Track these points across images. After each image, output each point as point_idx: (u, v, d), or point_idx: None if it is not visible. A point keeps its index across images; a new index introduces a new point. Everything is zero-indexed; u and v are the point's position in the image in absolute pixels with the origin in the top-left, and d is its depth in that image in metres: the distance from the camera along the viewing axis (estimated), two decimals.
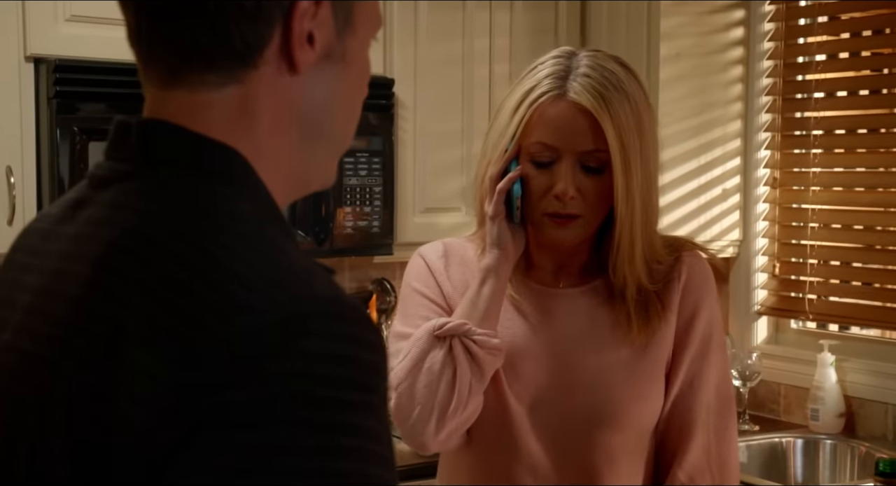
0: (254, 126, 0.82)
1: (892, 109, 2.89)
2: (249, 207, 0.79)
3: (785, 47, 3.09)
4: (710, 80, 3.08)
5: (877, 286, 2.89)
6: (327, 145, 0.87)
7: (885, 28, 2.95)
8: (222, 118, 0.81)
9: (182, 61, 0.81)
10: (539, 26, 3.03)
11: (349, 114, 0.88)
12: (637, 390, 1.53)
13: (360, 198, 2.75)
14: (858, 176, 2.96)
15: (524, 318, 1.55)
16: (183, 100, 0.81)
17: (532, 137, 1.48)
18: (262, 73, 0.81)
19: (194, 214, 0.78)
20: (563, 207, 1.47)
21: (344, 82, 0.85)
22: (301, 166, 0.85)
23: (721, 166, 3.12)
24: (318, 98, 0.83)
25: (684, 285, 1.55)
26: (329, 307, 0.73)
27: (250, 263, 0.74)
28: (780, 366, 3.07)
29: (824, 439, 2.85)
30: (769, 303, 3.15)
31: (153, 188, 0.80)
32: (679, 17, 3.00)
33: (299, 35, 0.81)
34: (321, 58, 0.82)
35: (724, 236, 3.14)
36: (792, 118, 3.10)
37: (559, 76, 1.48)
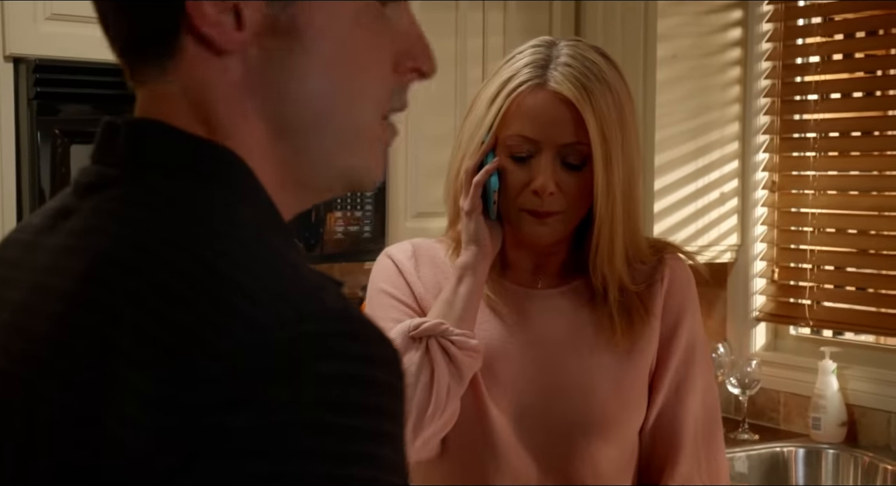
0: (209, 120, 0.74)
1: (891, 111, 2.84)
2: (250, 212, 0.73)
3: (783, 48, 3.03)
4: (708, 81, 3.02)
5: (878, 292, 2.84)
6: (320, 137, 0.76)
7: (878, 29, 2.91)
8: (183, 113, 0.74)
9: (124, 57, 0.76)
10: (533, 26, 2.97)
11: (336, 98, 0.75)
12: (623, 398, 1.48)
13: (350, 202, 2.69)
14: (859, 179, 2.91)
15: (501, 320, 1.49)
16: (145, 96, 0.76)
17: (510, 129, 1.42)
18: (185, 60, 0.73)
19: (190, 219, 0.71)
20: (541, 204, 1.42)
21: (307, 61, 0.73)
22: (290, 165, 0.76)
23: (719, 170, 3.06)
24: (274, 84, 0.73)
25: (667, 288, 1.50)
26: (342, 324, 0.66)
27: (253, 273, 0.67)
28: (780, 373, 3.02)
29: (826, 448, 2.80)
30: (768, 309, 3.09)
31: (144, 193, 0.73)
32: (676, 17, 2.95)
33: (196, 8, 0.71)
34: (263, 33, 0.72)
35: (722, 241, 3.08)
36: (791, 121, 3.04)
37: (539, 65, 1.42)
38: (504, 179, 1.43)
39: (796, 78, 3.02)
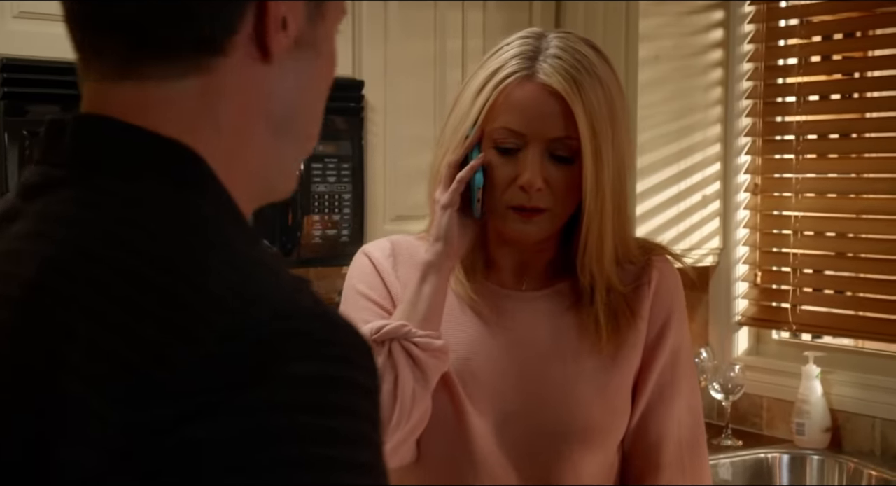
0: (218, 123, 0.72)
1: (874, 114, 2.82)
2: (212, 211, 0.70)
3: (765, 50, 3.00)
4: (690, 83, 2.99)
5: (861, 296, 2.81)
6: (295, 144, 0.79)
7: (856, 31, 2.89)
8: (181, 115, 0.71)
9: (134, 49, 0.71)
10: (513, 26, 2.89)
11: (318, 108, 0.80)
12: (608, 404, 1.43)
13: (328, 205, 2.63)
14: (842, 182, 2.88)
15: (484, 323, 1.45)
16: (132, 94, 0.71)
17: (497, 122, 1.37)
18: (231, 62, 0.72)
19: (144, 221, 0.67)
20: (528, 200, 1.37)
21: (314, 73, 0.78)
22: (268, 169, 0.77)
23: (701, 172, 3.03)
24: (289, 90, 0.76)
25: (655, 290, 1.45)
26: (317, 324, 0.63)
27: (220, 275, 0.64)
28: (763, 378, 2.98)
29: (811, 454, 2.76)
30: (750, 313, 3.06)
31: (92, 195, 0.69)
32: (658, 17, 2.91)
33: (275, 17, 0.73)
34: (292, 46, 0.75)
35: (704, 245, 3.04)
36: (773, 123, 3.01)
37: (528, 57, 1.38)
38: (489, 174, 1.39)
39: (778, 80, 2.99)
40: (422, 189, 2.82)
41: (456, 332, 1.43)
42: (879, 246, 2.79)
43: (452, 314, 1.44)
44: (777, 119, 3.00)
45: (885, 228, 2.77)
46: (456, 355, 1.42)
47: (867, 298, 2.79)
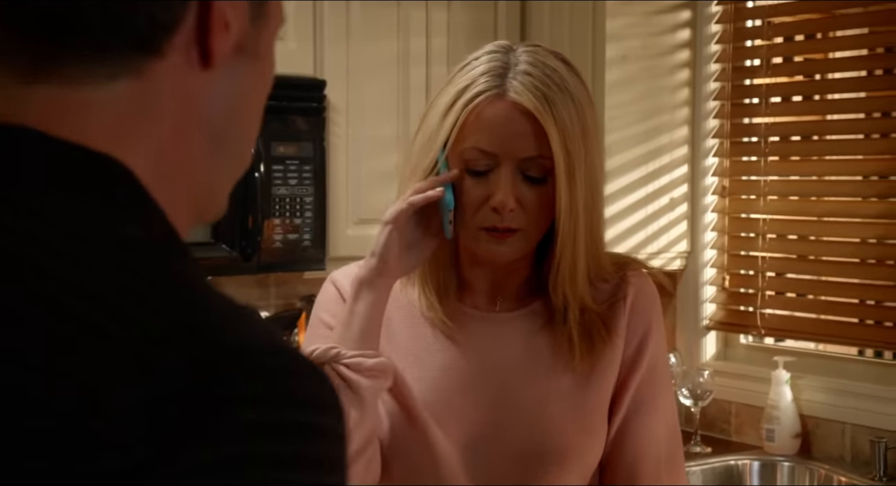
0: (150, 134, 0.64)
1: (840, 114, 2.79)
2: (143, 232, 0.61)
3: (733, 50, 2.96)
4: (657, 83, 2.95)
5: (830, 300, 2.77)
6: (232, 160, 0.71)
7: (816, 33, 2.87)
8: (108, 123, 0.63)
9: (55, 45, 0.62)
10: (478, 26, 2.87)
11: (256, 120, 0.72)
12: (582, 423, 1.39)
13: (289, 209, 2.56)
14: (811, 184, 2.85)
15: (456, 347, 1.40)
16: (50, 99, 0.62)
17: (467, 142, 1.33)
18: (167, 65, 0.64)
19: (65, 245, 0.58)
20: (500, 221, 1.33)
21: (254, 80, 0.71)
22: (204, 186, 0.69)
23: (668, 175, 2.98)
24: (227, 98, 0.68)
25: (631, 307, 1.42)
26: (271, 361, 0.55)
27: (153, 304, 0.55)
28: (731, 383, 2.94)
29: (782, 461, 2.73)
30: (718, 317, 3.02)
31: (5, 216, 0.59)
32: (625, 17, 2.87)
33: (220, 18, 0.65)
34: (233, 50, 0.67)
35: (672, 248, 3.00)
36: (740, 124, 2.97)
37: (497, 74, 1.33)
38: (460, 195, 1.35)
39: (745, 81, 2.96)
40: (386, 192, 2.77)
41: (427, 357, 1.39)
42: (847, 249, 2.76)
43: (423, 339, 1.40)
44: (744, 121, 2.97)
45: (852, 231, 2.75)
46: (425, 383, 1.38)
47: (835, 301, 2.76)
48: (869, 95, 2.77)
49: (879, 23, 2.71)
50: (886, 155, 2.71)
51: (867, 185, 2.74)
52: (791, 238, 2.87)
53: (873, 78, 2.76)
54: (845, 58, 2.84)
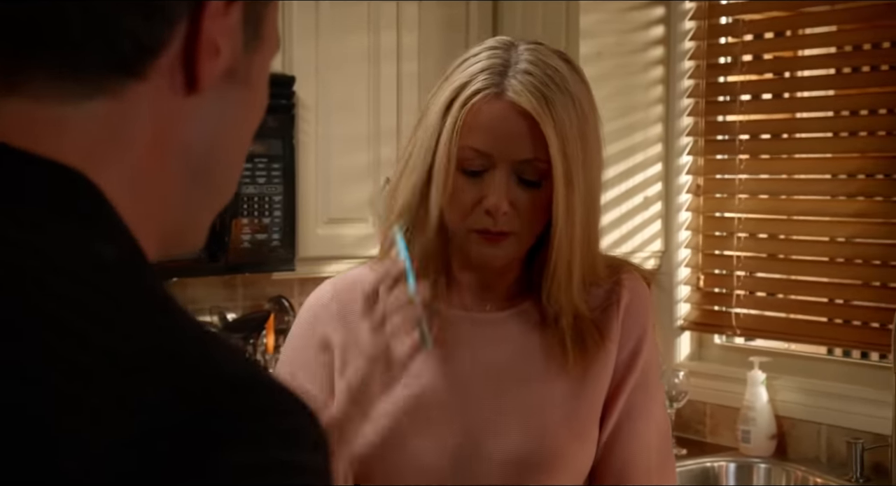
0: (123, 158, 0.60)
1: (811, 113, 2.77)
2: (116, 252, 0.57)
3: (707, 47, 2.93)
4: (631, 81, 2.91)
5: (806, 300, 2.75)
6: (212, 192, 0.66)
7: (785, 30, 2.85)
8: (79, 141, 0.58)
9: (25, 58, 0.57)
10: (449, 21, 2.82)
11: (242, 152, 0.68)
12: (576, 429, 1.35)
13: (258, 208, 2.50)
14: (786, 183, 2.82)
15: (445, 350, 1.36)
16: (18, 113, 0.58)
17: (462, 141, 1.29)
18: (149, 88, 0.59)
19: (29, 263, 0.53)
20: (493, 224, 1.29)
21: (243, 109, 0.66)
22: (179, 216, 0.64)
23: (642, 173, 2.95)
24: (212, 127, 0.64)
25: (624, 311, 1.37)
26: (256, 396, 0.52)
27: (125, 332, 0.51)
28: (705, 384, 2.91)
29: (758, 462, 2.70)
30: (692, 317, 2.99)
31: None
32: (599, 13, 2.83)
33: (209, 40, 0.60)
34: (223, 76, 0.63)
35: (646, 247, 2.97)
36: (715, 122, 2.94)
37: (496, 72, 1.29)
38: (454, 196, 1.30)
39: (720, 78, 2.93)
40: (356, 191, 2.72)
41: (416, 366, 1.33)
42: (820, 248, 2.74)
43: None
44: (719, 118, 2.94)
45: (825, 230, 2.72)
46: (412, 388, 1.34)
47: (809, 301, 2.73)
48: (838, 94, 2.75)
49: (847, 21, 2.69)
50: (854, 153, 2.70)
51: (837, 183, 2.72)
52: (763, 237, 2.85)
53: (842, 76, 2.74)
54: (815, 56, 2.82)
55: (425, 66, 2.71)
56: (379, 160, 2.65)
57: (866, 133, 2.67)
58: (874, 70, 2.68)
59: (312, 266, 2.61)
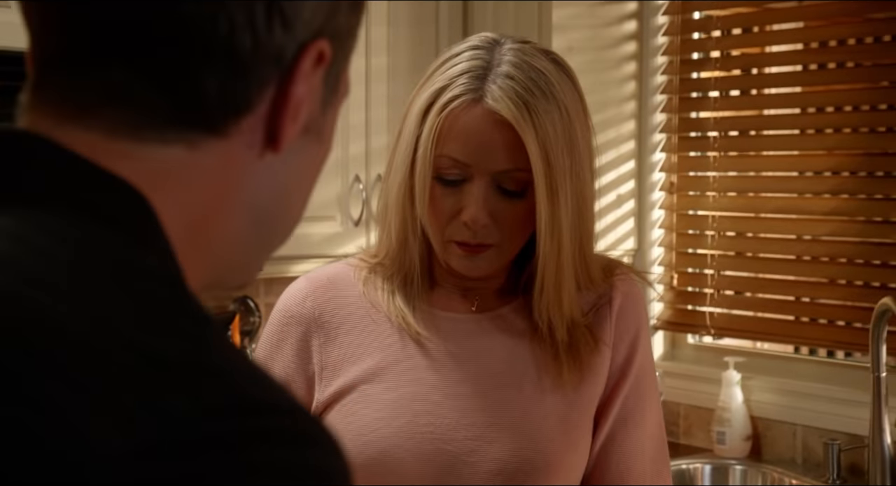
0: (187, 199, 0.60)
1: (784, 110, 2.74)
2: (160, 264, 0.57)
3: (681, 43, 2.89)
4: (604, 76, 2.86)
5: (781, 299, 2.71)
6: (271, 237, 0.67)
7: (753, 26, 2.82)
8: (143, 175, 0.58)
9: (108, 104, 0.58)
10: (419, 15, 2.75)
11: (306, 200, 0.69)
12: (570, 438, 1.29)
13: None
14: (762, 180, 2.78)
15: (431, 355, 1.30)
16: (88, 140, 0.57)
17: (440, 149, 1.23)
18: (229, 145, 0.60)
19: (69, 263, 0.53)
20: (472, 236, 1.24)
21: (313, 162, 0.67)
22: (235, 258, 0.65)
23: (615, 170, 2.90)
24: (283, 182, 0.65)
25: (618, 312, 1.33)
26: (286, 422, 0.50)
27: (175, 344, 0.51)
28: (679, 385, 2.87)
29: (734, 464, 2.66)
30: (666, 317, 2.94)
31: (23, 227, 0.54)
32: (572, 7, 2.78)
33: (296, 104, 0.61)
34: (300, 133, 0.64)
35: (619, 246, 2.92)
36: (688, 119, 2.90)
37: (476, 75, 1.23)
38: (432, 205, 1.25)
39: (693, 74, 2.88)
40: (324, 188, 2.65)
41: (396, 368, 1.28)
42: (794, 247, 2.70)
43: (391, 348, 1.29)
44: (692, 115, 2.89)
45: (798, 228, 2.69)
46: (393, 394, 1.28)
47: (786, 300, 2.70)
48: (805, 91, 2.72)
49: (813, 17, 2.66)
50: (821, 151, 2.67)
51: (805, 181, 2.69)
52: (743, 235, 2.80)
53: (808, 73, 2.71)
54: (782, 52, 2.80)
55: (395, 61, 2.65)
56: (348, 156, 2.58)
57: (833, 130, 2.65)
58: (840, 67, 2.65)
59: (279, 266, 2.53)
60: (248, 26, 0.57)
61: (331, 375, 1.30)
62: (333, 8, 0.62)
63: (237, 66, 0.58)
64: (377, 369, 1.29)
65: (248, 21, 0.57)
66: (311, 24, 0.60)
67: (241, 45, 0.58)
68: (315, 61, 0.61)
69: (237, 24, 0.57)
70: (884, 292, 2.45)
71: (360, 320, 1.31)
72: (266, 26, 0.58)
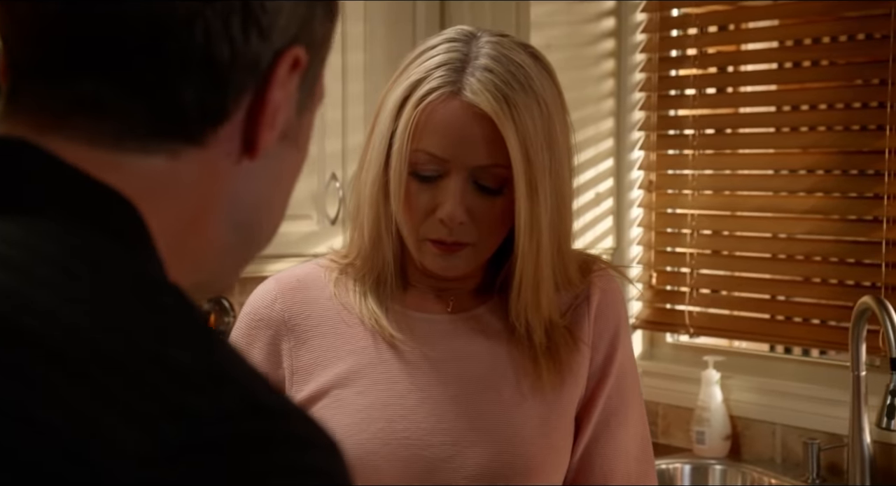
0: (168, 207, 0.61)
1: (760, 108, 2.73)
2: (162, 274, 0.59)
3: (659, 40, 2.87)
4: (582, 74, 2.84)
5: (758, 297, 2.70)
6: (252, 243, 0.68)
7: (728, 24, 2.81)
8: (127, 184, 0.59)
9: (87, 114, 0.58)
10: (396, 12, 2.72)
11: (284, 205, 0.70)
12: (551, 440, 1.27)
13: None
14: (738, 179, 2.77)
15: (404, 358, 1.27)
16: (70, 149, 0.58)
17: (416, 144, 1.20)
18: (207, 154, 0.61)
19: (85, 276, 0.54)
20: (448, 234, 1.21)
21: (290, 168, 0.68)
22: (216, 266, 0.66)
23: (593, 169, 2.88)
24: (261, 187, 0.66)
25: (596, 312, 1.30)
26: (290, 424, 0.51)
27: (182, 347, 0.52)
28: (658, 384, 2.85)
29: (714, 464, 2.64)
30: (644, 316, 2.92)
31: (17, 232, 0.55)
32: (550, 4, 2.76)
33: (272, 111, 0.62)
34: (277, 139, 0.65)
35: (597, 244, 2.90)
36: (667, 117, 2.88)
37: (454, 68, 1.20)
38: (407, 202, 1.22)
39: (672, 72, 2.87)
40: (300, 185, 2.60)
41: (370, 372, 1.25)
42: (773, 245, 2.69)
43: (365, 352, 1.26)
44: (671, 113, 2.88)
45: (777, 227, 2.68)
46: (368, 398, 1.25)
47: (764, 299, 2.69)
48: (780, 89, 2.71)
49: (788, 16, 2.66)
50: (796, 149, 2.66)
51: (780, 179, 2.68)
52: (721, 234, 2.79)
53: (783, 71, 2.71)
54: (758, 50, 2.79)
55: (372, 58, 2.62)
56: (324, 154, 2.55)
57: (808, 129, 2.64)
58: (815, 65, 2.64)
59: (254, 265, 2.47)
60: (225, 36, 0.58)
61: (302, 379, 1.27)
62: (309, 15, 0.63)
63: (214, 76, 0.59)
64: (350, 373, 1.26)
65: (225, 30, 0.58)
66: (287, 32, 0.61)
67: (218, 54, 0.58)
68: (291, 68, 0.62)
69: (213, 34, 0.57)
70: (859, 290, 2.45)
71: (332, 323, 1.28)
72: (242, 35, 0.58)
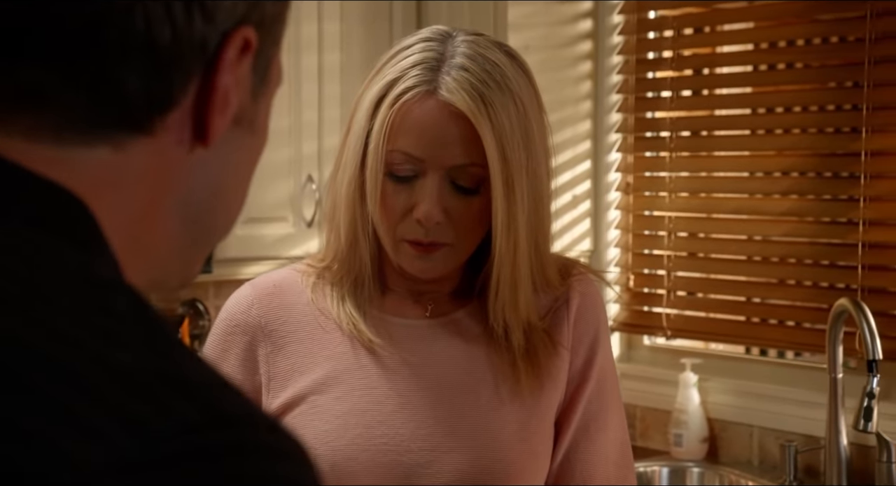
0: (119, 200, 0.58)
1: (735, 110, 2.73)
2: (114, 273, 0.56)
3: (636, 42, 2.87)
4: (559, 75, 2.84)
5: (738, 300, 2.70)
6: (210, 233, 0.65)
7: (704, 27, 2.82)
8: (73, 180, 0.57)
9: (26, 107, 0.55)
10: (372, 13, 2.71)
11: (242, 194, 0.67)
12: (530, 445, 1.26)
13: None
14: (714, 181, 2.77)
15: (382, 364, 1.25)
16: (10, 149, 0.55)
17: (392, 144, 1.19)
18: (155, 143, 0.58)
19: (21, 274, 0.51)
20: (425, 235, 1.20)
21: (246, 154, 0.65)
22: (169, 257, 0.64)
23: (571, 171, 2.88)
24: (215, 175, 0.63)
25: (576, 316, 1.30)
26: (257, 434, 0.49)
27: (137, 351, 0.49)
28: (635, 386, 2.84)
29: (691, 466, 2.64)
30: (622, 318, 2.92)
31: None
32: (527, 6, 2.75)
33: (223, 95, 0.59)
34: (230, 125, 0.62)
35: (575, 247, 2.89)
36: (644, 119, 2.88)
37: (429, 67, 1.20)
38: (383, 202, 1.21)
39: (649, 74, 2.87)
40: (276, 188, 2.60)
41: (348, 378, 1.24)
42: (749, 247, 2.70)
43: (343, 357, 1.24)
44: (648, 115, 2.87)
45: (753, 229, 2.68)
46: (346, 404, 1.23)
47: (742, 301, 2.69)
48: (755, 91, 2.72)
49: (762, 18, 2.66)
50: (770, 151, 2.66)
51: (755, 181, 2.68)
52: (698, 236, 2.79)
53: (758, 73, 2.71)
54: (733, 53, 2.79)
55: (348, 57, 2.60)
56: (300, 156, 2.53)
57: (782, 131, 2.64)
58: (789, 67, 2.65)
59: (229, 268, 2.48)
60: (167, 19, 0.55)
61: (279, 385, 1.25)
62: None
63: (158, 62, 0.56)
64: (328, 379, 1.25)
65: (166, 13, 0.55)
66: (234, 12, 0.58)
67: (161, 38, 0.55)
68: (240, 50, 0.59)
69: (154, 18, 0.55)
70: (834, 292, 2.46)
71: (310, 328, 1.27)
72: (185, 17, 0.56)
